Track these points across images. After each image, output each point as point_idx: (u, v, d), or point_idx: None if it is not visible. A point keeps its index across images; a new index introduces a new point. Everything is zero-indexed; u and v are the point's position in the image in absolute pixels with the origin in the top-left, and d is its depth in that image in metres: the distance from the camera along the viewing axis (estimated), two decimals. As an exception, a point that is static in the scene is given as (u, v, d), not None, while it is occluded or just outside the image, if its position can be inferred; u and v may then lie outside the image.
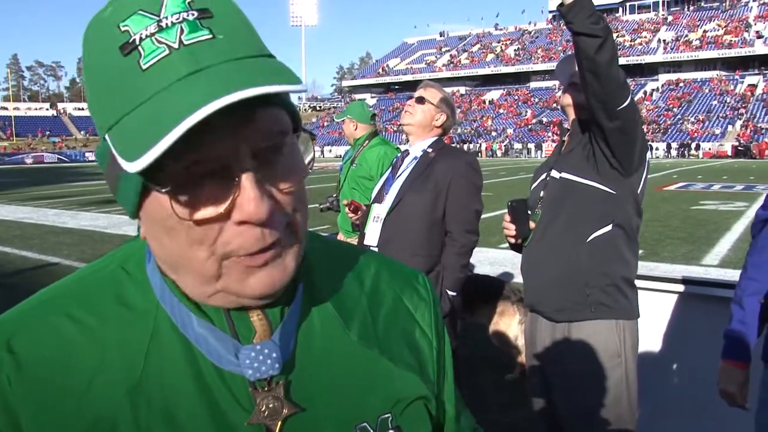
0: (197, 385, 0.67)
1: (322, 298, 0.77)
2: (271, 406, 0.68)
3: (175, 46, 0.58)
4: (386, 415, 0.74)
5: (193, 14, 0.60)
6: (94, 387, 0.66)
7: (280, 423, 0.68)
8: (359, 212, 3.49)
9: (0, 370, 0.65)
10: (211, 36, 0.60)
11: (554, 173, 2.54)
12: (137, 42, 0.59)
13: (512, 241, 2.63)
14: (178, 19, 0.59)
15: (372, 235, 3.21)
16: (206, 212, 0.61)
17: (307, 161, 0.69)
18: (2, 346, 0.66)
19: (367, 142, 4.87)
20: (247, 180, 0.60)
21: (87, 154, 65.01)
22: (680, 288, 3.07)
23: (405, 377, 0.78)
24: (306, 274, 0.76)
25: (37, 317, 0.69)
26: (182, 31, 0.59)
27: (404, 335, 0.82)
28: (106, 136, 0.61)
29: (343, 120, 5.02)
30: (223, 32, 0.61)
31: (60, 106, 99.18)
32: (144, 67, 0.58)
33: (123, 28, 0.59)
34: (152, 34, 0.59)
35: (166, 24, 0.59)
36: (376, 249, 3.15)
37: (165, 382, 0.67)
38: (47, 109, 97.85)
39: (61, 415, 0.65)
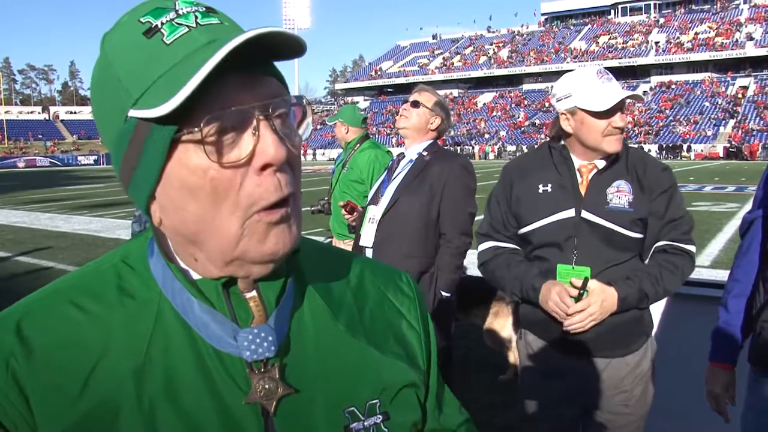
0: (198, 367, 0.72)
1: (311, 291, 0.82)
2: (266, 386, 0.73)
3: (193, 25, 0.69)
4: (374, 401, 0.79)
5: (202, 8, 0.71)
6: (99, 369, 0.71)
7: (275, 403, 0.73)
8: (355, 213, 3.51)
9: (11, 353, 0.70)
10: (219, 22, 0.71)
11: (588, 216, 2.23)
12: (159, 26, 0.68)
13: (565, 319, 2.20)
14: (191, 9, 0.70)
15: (367, 237, 3.24)
16: (232, 155, 0.68)
17: (305, 126, 0.75)
18: (12, 332, 0.72)
19: (358, 145, 4.88)
20: (265, 127, 0.68)
21: (79, 158, 64.90)
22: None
23: (392, 366, 0.83)
24: (296, 269, 0.81)
25: (45, 305, 0.75)
26: (197, 17, 0.70)
27: (391, 328, 0.87)
28: (130, 113, 0.68)
29: (334, 123, 5.03)
30: (227, 22, 0.72)
31: (52, 110, 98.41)
32: (168, 42, 0.68)
33: (144, 21, 0.69)
34: (172, 20, 0.69)
35: (183, 12, 0.70)
36: (371, 250, 3.18)
37: (167, 365, 0.72)
38: (39, 113, 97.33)
39: (69, 395, 0.69)
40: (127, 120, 0.68)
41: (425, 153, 3.26)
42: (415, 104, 3.28)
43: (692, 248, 2.26)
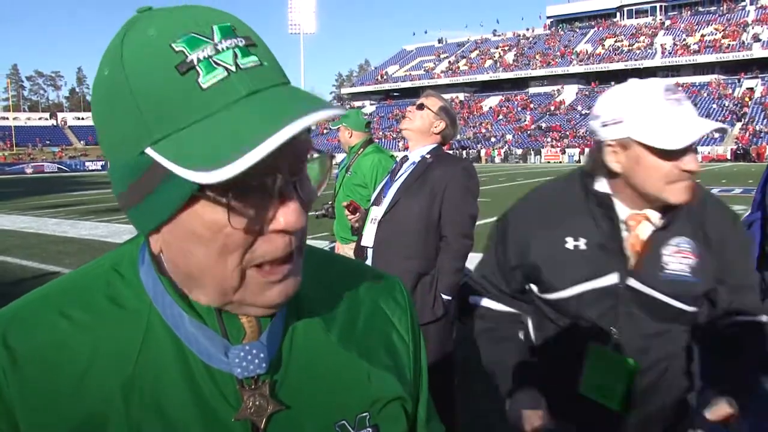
0: (187, 382, 0.71)
1: (305, 303, 0.81)
2: (257, 403, 0.72)
3: (233, 69, 0.63)
4: (364, 414, 0.78)
5: (242, 41, 0.65)
6: (87, 380, 0.69)
7: (265, 419, 0.72)
8: (357, 213, 3.53)
9: None
10: (259, 63, 0.65)
11: (637, 285, 1.69)
12: (194, 62, 0.62)
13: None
14: (231, 44, 0.64)
15: (368, 237, 3.29)
16: (254, 221, 0.65)
17: (322, 183, 0.73)
18: None
19: (361, 149, 4.90)
20: (289, 193, 0.66)
21: (87, 164, 65.24)
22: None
23: (382, 378, 0.82)
24: None
25: (32, 313, 0.72)
26: (236, 55, 0.63)
27: (382, 339, 0.86)
28: (148, 150, 0.62)
29: (338, 128, 5.07)
30: (265, 60, 0.66)
31: (60, 116, 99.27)
32: (204, 86, 0.61)
33: (177, 49, 0.62)
34: (209, 56, 0.62)
35: (222, 48, 0.63)
36: (371, 250, 3.23)
37: (156, 378, 0.70)
38: (47, 119, 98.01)
39: (55, 407, 0.68)
40: (143, 155, 0.63)
41: (428, 156, 3.28)
42: (420, 107, 3.33)
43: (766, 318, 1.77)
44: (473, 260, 3.19)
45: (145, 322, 0.72)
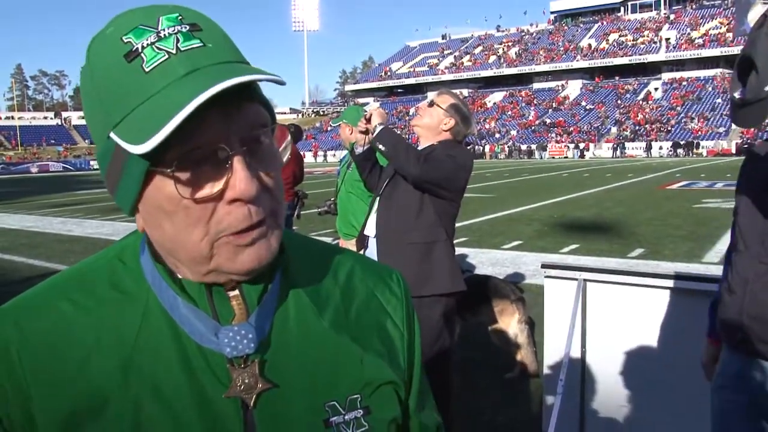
0: (182, 362, 0.75)
1: (297, 288, 0.84)
2: (246, 381, 0.75)
3: (173, 51, 0.68)
4: (355, 396, 0.81)
5: (185, 27, 0.70)
6: (90, 359, 0.74)
7: (254, 397, 0.76)
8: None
9: (10, 345, 0.74)
10: (202, 44, 0.70)
11: None
12: (139, 50, 0.68)
13: None
14: (173, 30, 0.69)
15: (372, 226, 3.43)
16: (204, 191, 0.70)
17: (284, 150, 0.81)
18: (12, 325, 0.76)
19: (363, 145, 4.92)
20: (238, 162, 0.69)
21: (92, 162, 65.38)
22: (680, 284, 3.09)
23: (374, 363, 0.84)
24: (284, 265, 0.83)
25: (42, 300, 0.79)
26: (178, 40, 0.69)
27: (376, 326, 0.88)
28: (111, 134, 0.69)
29: (339, 125, 5.08)
30: (211, 42, 0.71)
31: (64, 114, 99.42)
32: (147, 69, 0.67)
33: (126, 40, 0.69)
34: (152, 43, 0.68)
35: (164, 35, 0.69)
36: (374, 240, 3.37)
37: (153, 358, 0.75)
38: (51, 118, 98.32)
39: (62, 384, 0.73)
40: (109, 139, 0.70)
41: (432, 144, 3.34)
42: (430, 104, 3.37)
43: None
44: (474, 256, 3.22)
45: (143, 306, 0.77)
